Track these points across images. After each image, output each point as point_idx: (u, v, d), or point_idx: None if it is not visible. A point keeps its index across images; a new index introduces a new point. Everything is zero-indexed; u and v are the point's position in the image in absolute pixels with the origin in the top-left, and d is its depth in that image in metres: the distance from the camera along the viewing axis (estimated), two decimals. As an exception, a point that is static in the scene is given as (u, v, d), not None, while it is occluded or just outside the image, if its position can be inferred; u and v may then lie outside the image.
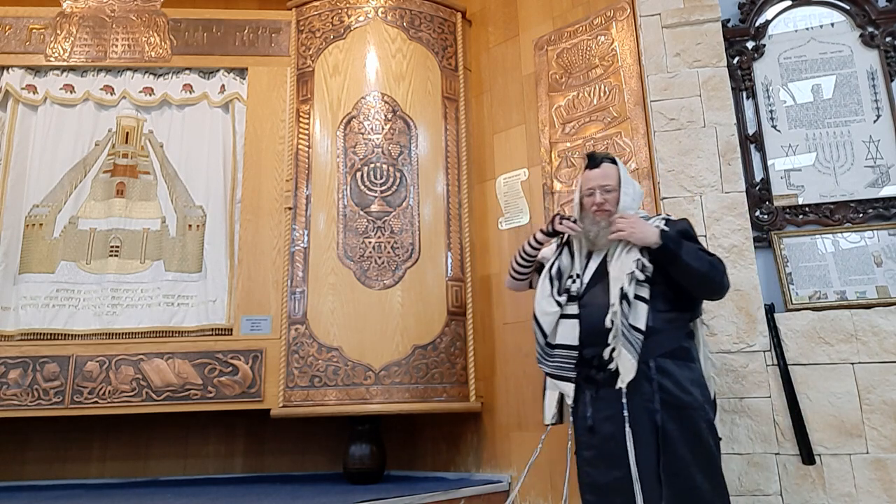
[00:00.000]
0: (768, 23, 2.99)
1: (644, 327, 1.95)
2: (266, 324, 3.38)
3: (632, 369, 1.93)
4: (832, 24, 2.93)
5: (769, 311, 2.59)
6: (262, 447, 3.74)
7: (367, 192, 3.42)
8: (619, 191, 2.15)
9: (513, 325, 3.32)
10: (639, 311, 1.97)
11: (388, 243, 3.35)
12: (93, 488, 3.32)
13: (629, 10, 3.16)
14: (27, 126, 3.67)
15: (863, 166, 2.76)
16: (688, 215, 2.63)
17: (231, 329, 3.40)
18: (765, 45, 2.97)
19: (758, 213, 2.80)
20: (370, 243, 3.34)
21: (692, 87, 2.87)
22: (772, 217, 2.79)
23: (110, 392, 3.22)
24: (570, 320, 2.10)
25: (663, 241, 1.99)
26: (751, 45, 2.99)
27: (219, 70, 3.80)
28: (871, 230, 2.68)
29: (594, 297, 2.09)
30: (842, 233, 2.71)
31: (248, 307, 3.40)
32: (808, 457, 2.41)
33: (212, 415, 3.56)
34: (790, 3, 2.99)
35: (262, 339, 3.35)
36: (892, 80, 2.80)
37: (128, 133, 3.73)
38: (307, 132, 3.56)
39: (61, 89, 3.70)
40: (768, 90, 2.94)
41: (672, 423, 1.92)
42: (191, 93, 3.78)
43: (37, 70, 3.72)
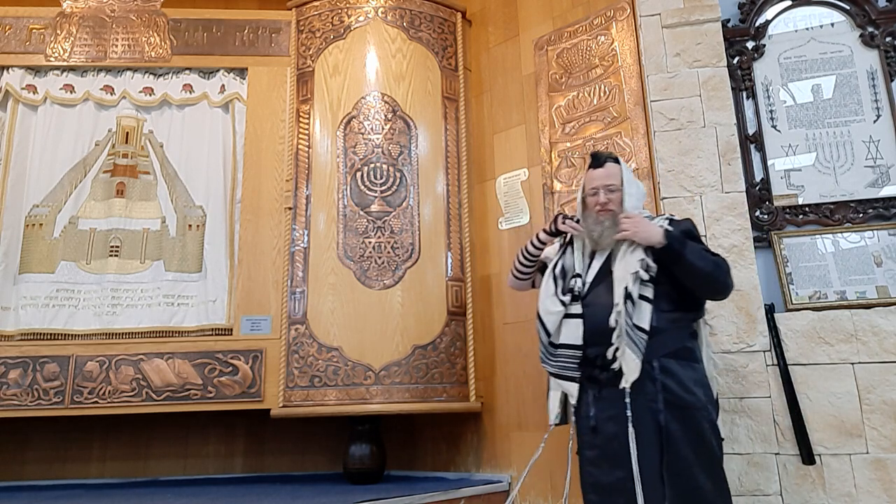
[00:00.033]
0: (768, 23, 2.99)
1: (648, 327, 1.95)
2: (266, 324, 3.38)
3: (636, 369, 1.93)
4: (832, 24, 2.93)
5: (769, 311, 2.59)
6: (262, 447, 3.74)
7: (367, 192, 3.42)
8: (622, 190, 2.15)
9: (513, 325, 3.32)
10: (643, 310, 1.97)
11: (388, 243, 3.35)
12: (93, 488, 3.32)
13: (629, 10, 3.16)
14: (27, 126, 3.67)
15: (863, 166, 2.76)
16: (688, 215, 2.63)
17: (231, 329, 3.40)
18: (765, 45, 2.97)
19: (758, 213, 2.80)
20: (370, 243, 3.34)
21: (692, 87, 2.87)
22: (772, 217, 2.79)
23: (110, 392, 3.22)
24: (573, 320, 2.10)
25: (668, 240, 1.99)
26: (751, 45, 2.99)
27: (219, 70, 3.80)
28: (871, 230, 2.68)
29: (597, 297, 2.09)
30: (842, 233, 2.71)
31: (248, 307, 3.40)
32: (808, 457, 2.41)
33: (212, 415, 3.56)
34: (790, 3, 2.99)
35: (262, 339, 3.35)
36: (892, 80, 2.80)
37: (128, 133, 3.73)
38: (307, 132, 3.56)
39: (61, 89, 3.70)
40: (768, 90, 2.94)
41: (675, 424, 1.92)
42: (191, 93, 3.78)
43: (37, 70, 3.72)
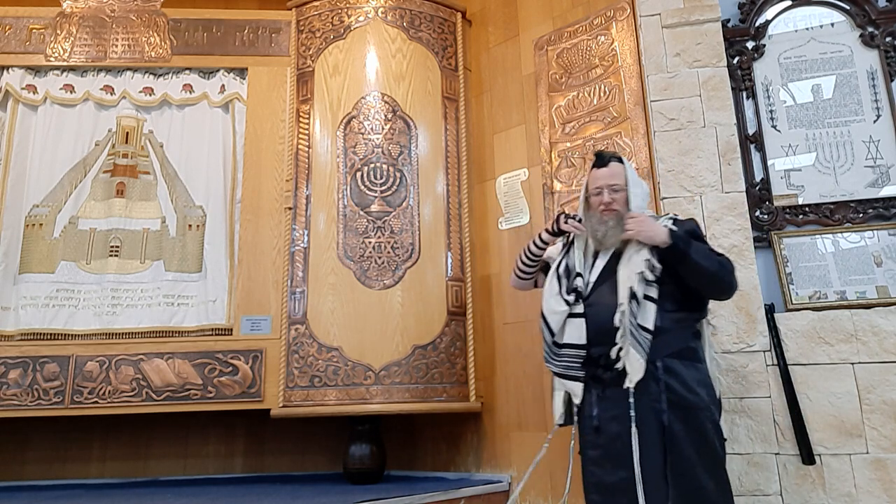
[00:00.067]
0: (768, 23, 2.99)
1: (652, 327, 1.95)
2: (266, 324, 3.38)
3: (640, 369, 1.93)
4: (832, 24, 2.93)
5: (769, 311, 2.59)
6: (262, 447, 3.74)
7: (367, 192, 3.41)
8: (626, 190, 2.15)
9: (513, 325, 3.32)
10: (647, 310, 1.97)
11: (388, 243, 3.35)
12: (93, 488, 3.32)
13: (629, 10, 3.16)
14: (27, 126, 3.67)
15: (863, 166, 2.76)
16: (688, 215, 2.63)
17: (231, 329, 3.40)
18: (765, 45, 2.97)
19: (758, 213, 2.80)
20: (370, 243, 3.34)
21: (692, 87, 2.87)
22: (772, 217, 2.79)
23: (110, 392, 3.22)
24: (577, 319, 2.10)
25: (673, 240, 1.99)
26: (751, 45, 2.98)
27: (219, 70, 3.80)
28: (871, 230, 2.68)
29: (601, 297, 2.09)
30: (842, 233, 2.71)
31: (248, 307, 3.40)
32: (808, 457, 2.41)
33: (212, 415, 3.56)
34: (790, 3, 2.99)
35: (262, 339, 3.35)
36: (892, 80, 2.80)
37: (128, 133, 3.73)
38: (307, 132, 3.56)
39: (61, 89, 3.70)
40: (768, 90, 2.93)
41: (678, 424, 1.92)
42: (191, 93, 3.78)
43: (37, 70, 3.72)
